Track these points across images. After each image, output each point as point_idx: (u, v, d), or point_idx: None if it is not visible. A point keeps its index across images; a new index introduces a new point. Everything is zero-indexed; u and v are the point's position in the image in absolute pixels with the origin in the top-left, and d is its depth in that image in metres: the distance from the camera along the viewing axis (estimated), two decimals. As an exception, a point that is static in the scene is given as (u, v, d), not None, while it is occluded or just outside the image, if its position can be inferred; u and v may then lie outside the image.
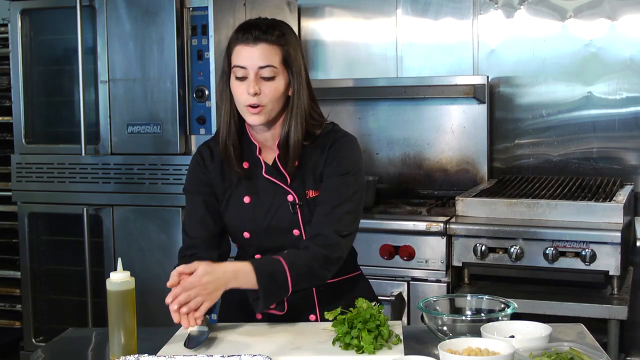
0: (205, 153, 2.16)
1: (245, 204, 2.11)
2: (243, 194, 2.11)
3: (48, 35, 3.74)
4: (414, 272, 3.25)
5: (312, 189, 2.09)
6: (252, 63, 2.00)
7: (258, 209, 2.10)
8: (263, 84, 2.01)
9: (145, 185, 3.53)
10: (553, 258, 3.03)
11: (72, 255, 3.71)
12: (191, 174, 2.19)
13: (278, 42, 2.01)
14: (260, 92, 2.00)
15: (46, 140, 3.76)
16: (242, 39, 2.02)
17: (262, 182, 2.11)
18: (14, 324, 4.08)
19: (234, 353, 1.79)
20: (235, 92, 2.04)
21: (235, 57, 2.03)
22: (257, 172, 2.12)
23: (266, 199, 2.10)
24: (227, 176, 2.13)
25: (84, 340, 2.18)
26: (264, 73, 2.00)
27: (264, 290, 1.91)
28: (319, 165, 2.09)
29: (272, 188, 2.10)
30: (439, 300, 2.04)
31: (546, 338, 1.79)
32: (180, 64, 3.45)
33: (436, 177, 4.00)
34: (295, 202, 2.08)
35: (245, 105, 2.02)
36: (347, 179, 2.08)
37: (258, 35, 2.00)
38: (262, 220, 2.10)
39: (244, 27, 2.04)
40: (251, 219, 2.11)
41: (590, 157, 3.81)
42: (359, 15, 4.15)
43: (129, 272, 1.89)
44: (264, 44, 2.00)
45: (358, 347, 1.82)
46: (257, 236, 2.12)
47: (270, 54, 2.00)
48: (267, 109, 2.02)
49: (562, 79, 3.84)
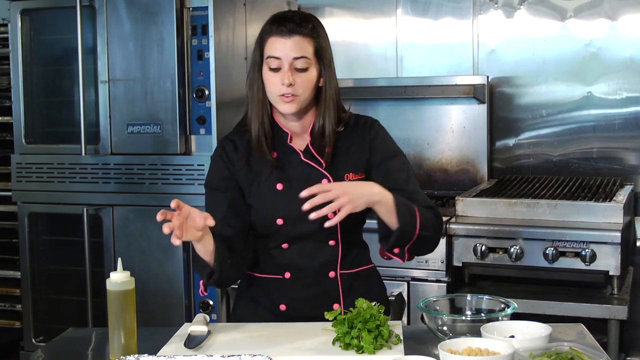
0: (229, 147, 2.19)
1: (278, 190, 2.13)
2: (275, 182, 2.13)
3: (48, 35, 3.74)
4: (414, 272, 3.24)
5: (352, 172, 2.15)
6: (287, 54, 2.06)
7: (292, 195, 2.09)
8: (297, 74, 2.07)
9: (145, 185, 3.53)
10: (553, 258, 3.03)
11: (72, 255, 3.71)
12: (214, 170, 2.20)
13: (311, 35, 2.08)
14: (294, 83, 2.06)
15: (46, 140, 3.76)
16: (276, 30, 2.07)
17: (293, 169, 2.14)
18: (14, 324, 4.08)
19: (234, 353, 1.79)
20: (268, 82, 2.09)
21: (269, 48, 2.08)
22: (287, 160, 2.15)
23: (299, 184, 2.09)
24: (254, 167, 2.15)
25: (84, 340, 2.18)
26: (298, 64, 2.06)
27: (401, 218, 1.99)
28: (362, 150, 2.17)
29: (306, 173, 2.13)
30: (439, 300, 2.04)
31: (546, 338, 1.79)
32: (180, 64, 3.45)
33: (436, 177, 4.00)
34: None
35: (278, 95, 2.08)
36: (399, 160, 2.20)
37: (292, 27, 2.06)
38: (297, 206, 2.06)
39: (278, 19, 2.09)
40: (285, 205, 2.11)
41: (590, 157, 3.81)
42: (359, 15, 4.15)
43: (129, 272, 1.89)
44: (298, 37, 2.06)
45: (358, 347, 1.82)
46: (291, 222, 2.11)
47: (304, 46, 2.07)
48: (300, 99, 2.09)
49: (562, 79, 3.83)
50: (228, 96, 3.51)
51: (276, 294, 2.17)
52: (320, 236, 2.13)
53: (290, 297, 2.16)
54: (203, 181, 3.35)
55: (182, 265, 3.50)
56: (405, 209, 2.02)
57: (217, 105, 3.43)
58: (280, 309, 2.16)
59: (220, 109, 3.45)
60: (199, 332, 1.96)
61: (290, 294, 2.16)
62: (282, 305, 2.16)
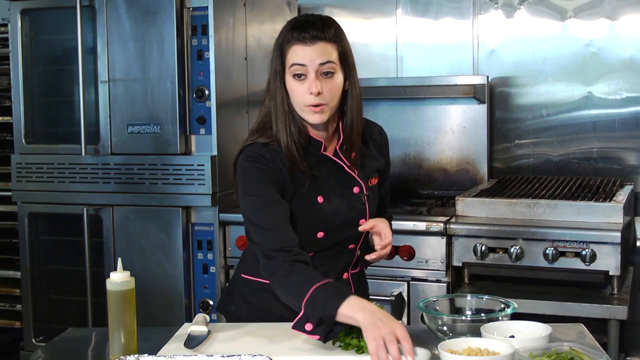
0: (269, 155, 2.03)
1: (319, 204, 2.07)
2: (315, 194, 2.07)
3: (48, 35, 3.74)
4: (414, 272, 3.24)
5: (373, 177, 2.19)
6: (312, 60, 1.98)
7: (332, 207, 2.08)
8: (323, 81, 1.99)
9: (145, 185, 3.53)
10: (553, 258, 3.03)
11: (72, 255, 3.71)
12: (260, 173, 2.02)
13: (334, 40, 2.03)
14: (322, 91, 1.99)
15: (46, 140, 3.76)
16: (299, 37, 1.99)
17: (329, 179, 2.09)
18: (14, 324, 4.08)
19: (234, 353, 1.79)
20: (295, 92, 2.01)
21: (292, 56, 2.00)
22: (322, 169, 2.09)
23: (335, 195, 2.09)
24: (296, 179, 2.05)
25: (84, 340, 2.18)
26: (324, 69, 1.99)
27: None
28: (380, 156, 2.22)
29: (339, 183, 2.10)
30: (439, 300, 2.04)
31: (546, 338, 1.79)
32: (180, 64, 3.45)
33: (436, 177, 4.00)
34: (363, 192, 2.13)
35: (306, 105, 2.00)
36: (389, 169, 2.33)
37: (316, 34, 1.99)
38: (337, 217, 2.09)
39: (299, 26, 2.02)
40: (325, 218, 2.08)
41: (590, 157, 3.81)
42: (359, 15, 4.15)
43: (129, 272, 1.89)
44: (322, 43, 2.00)
45: (358, 347, 1.83)
46: (330, 233, 2.10)
47: (329, 51, 2.01)
48: (329, 107, 2.02)
49: (562, 79, 3.84)
50: (228, 96, 3.51)
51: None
52: (345, 242, 2.14)
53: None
54: (203, 181, 3.41)
55: (182, 265, 3.50)
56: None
57: (217, 105, 3.43)
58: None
59: (220, 109, 3.45)
60: (199, 332, 1.96)
61: None
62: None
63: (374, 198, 2.17)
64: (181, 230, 3.49)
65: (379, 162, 2.21)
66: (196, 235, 3.52)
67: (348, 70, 2.07)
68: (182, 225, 3.49)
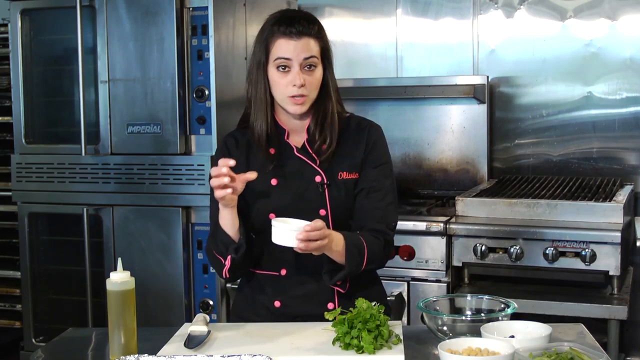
0: (230, 143, 2.23)
1: (272, 185, 2.16)
2: (270, 177, 2.16)
3: (48, 35, 3.74)
4: (414, 272, 3.24)
5: (347, 171, 2.18)
6: (297, 55, 2.09)
7: (285, 189, 2.16)
8: (306, 74, 2.11)
9: (145, 185, 3.53)
10: (553, 258, 3.03)
11: (72, 255, 3.71)
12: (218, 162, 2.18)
13: (317, 35, 2.13)
14: (305, 83, 2.10)
15: (46, 140, 3.76)
16: (285, 32, 2.10)
17: (289, 165, 2.18)
18: (14, 324, 4.08)
19: (234, 353, 1.79)
20: (276, 84, 2.13)
21: (277, 49, 2.11)
22: (284, 156, 2.19)
23: (294, 180, 2.17)
24: (252, 163, 2.18)
25: (84, 340, 2.18)
26: (307, 63, 2.10)
27: (349, 260, 2.06)
28: (357, 151, 2.20)
29: (300, 170, 2.17)
30: (439, 300, 2.04)
31: (546, 338, 1.79)
32: (180, 64, 3.45)
33: (436, 177, 4.00)
34: (323, 181, 2.15)
35: (288, 96, 2.11)
36: (385, 169, 2.22)
37: (301, 30, 2.10)
38: (290, 200, 2.15)
39: (285, 20, 2.12)
40: (278, 198, 2.15)
41: (590, 157, 3.81)
42: (359, 15, 4.15)
43: (129, 272, 1.89)
44: (306, 38, 2.11)
45: (358, 347, 1.82)
46: (283, 215, 2.11)
47: (313, 46, 2.12)
48: (309, 98, 2.13)
49: (562, 79, 3.84)
50: (228, 96, 3.51)
51: (272, 290, 2.19)
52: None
53: (285, 294, 2.17)
54: (203, 181, 3.41)
55: (182, 265, 3.50)
56: (355, 251, 2.08)
57: (217, 105, 3.43)
58: (275, 305, 2.18)
59: (220, 109, 3.45)
60: (199, 332, 1.96)
61: (286, 290, 2.18)
62: (277, 301, 2.17)
63: (341, 192, 2.16)
64: (181, 230, 3.49)
65: (359, 156, 2.19)
66: (196, 235, 3.52)
67: (328, 64, 2.17)
68: (182, 225, 3.49)
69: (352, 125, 2.23)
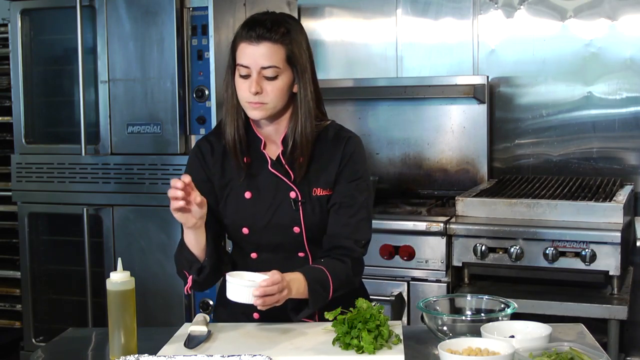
0: (205, 148, 2.15)
1: (245, 199, 2.10)
2: (244, 189, 2.10)
3: (48, 35, 3.74)
4: (414, 272, 3.25)
5: (321, 187, 2.10)
6: (255, 62, 2.00)
7: (259, 205, 2.09)
8: (265, 82, 2.01)
9: (145, 185, 3.53)
10: (553, 258, 3.03)
11: (72, 255, 3.71)
12: (190, 170, 2.12)
13: (282, 41, 2.01)
14: (262, 91, 2.01)
15: (46, 140, 3.76)
16: (246, 36, 2.02)
17: (264, 178, 2.10)
18: (14, 324, 4.08)
19: (234, 353, 1.79)
20: (238, 88, 2.05)
21: (239, 54, 2.03)
22: (259, 167, 2.11)
23: (268, 194, 2.09)
24: (228, 171, 2.12)
25: (84, 340, 2.18)
26: (266, 73, 2.01)
27: (313, 299, 1.96)
28: (332, 165, 2.10)
29: (275, 184, 2.10)
30: (439, 300, 2.04)
31: (546, 338, 1.79)
32: (180, 64, 3.45)
33: (436, 177, 4.00)
34: (298, 199, 2.08)
35: (247, 101, 2.03)
36: (360, 184, 2.12)
37: (262, 33, 2.00)
38: (263, 216, 2.09)
39: (249, 23, 2.04)
40: (251, 214, 2.09)
41: (590, 157, 3.81)
42: (359, 15, 4.15)
43: (129, 272, 1.89)
44: (267, 43, 2.00)
45: (358, 347, 1.82)
46: (256, 232, 2.10)
47: (274, 54, 2.00)
48: (268, 106, 2.04)
49: (562, 79, 3.84)
50: (228, 96, 3.51)
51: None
52: (288, 248, 2.11)
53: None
54: (203, 181, 3.40)
55: (182, 265, 3.50)
56: (319, 288, 1.97)
57: (217, 105, 3.43)
58: (254, 317, 2.11)
59: (220, 109, 3.40)
60: (199, 332, 1.96)
61: None
62: (256, 314, 2.10)
63: (316, 209, 2.09)
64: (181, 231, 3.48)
65: (334, 170, 2.09)
66: (196, 235, 3.51)
67: (297, 73, 2.05)
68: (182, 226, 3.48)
69: (330, 135, 2.12)
